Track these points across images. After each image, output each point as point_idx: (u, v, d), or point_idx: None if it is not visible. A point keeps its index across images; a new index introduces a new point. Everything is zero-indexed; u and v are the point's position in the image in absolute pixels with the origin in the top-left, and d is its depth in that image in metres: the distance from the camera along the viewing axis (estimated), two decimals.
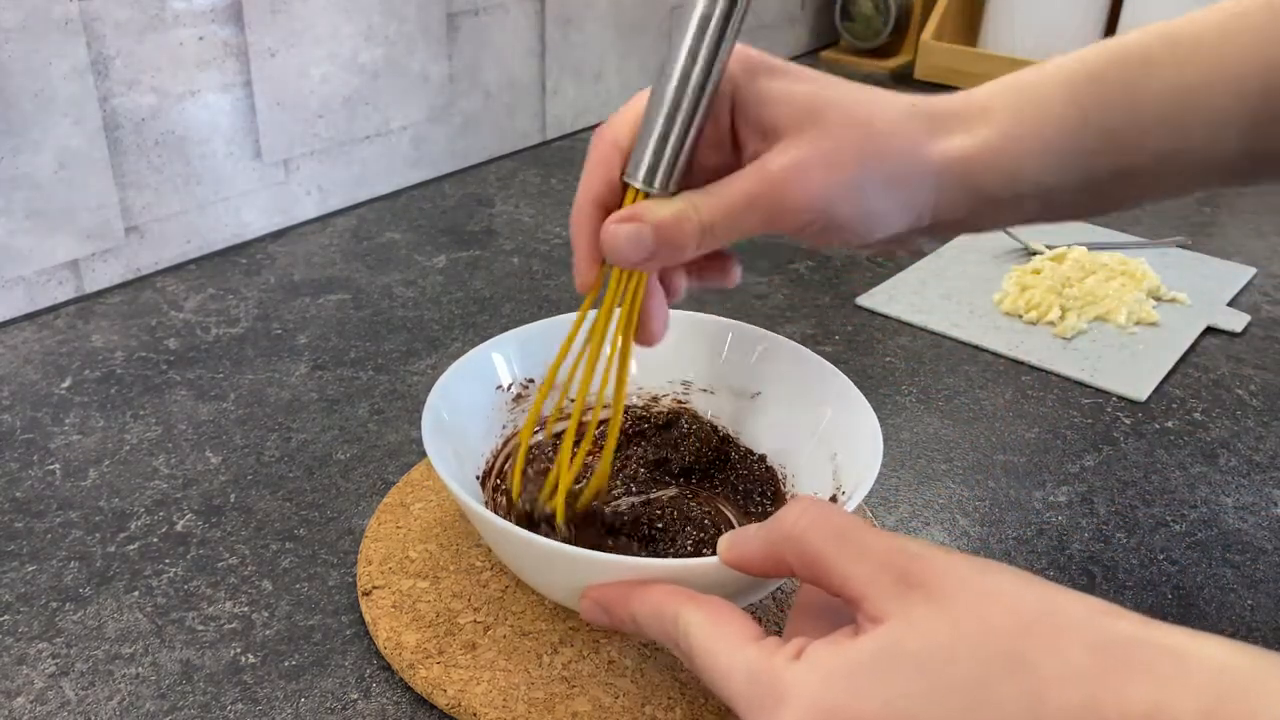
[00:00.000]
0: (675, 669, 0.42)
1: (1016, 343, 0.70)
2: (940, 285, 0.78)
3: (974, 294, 0.77)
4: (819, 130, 0.38)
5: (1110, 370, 0.68)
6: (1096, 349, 0.70)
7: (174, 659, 0.43)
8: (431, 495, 0.51)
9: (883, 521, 0.53)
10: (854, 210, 0.39)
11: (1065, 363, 0.68)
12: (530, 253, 0.81)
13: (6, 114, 0.63)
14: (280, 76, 0.78)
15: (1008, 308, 0.74)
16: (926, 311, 0.74)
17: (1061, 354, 0.69)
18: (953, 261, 0.82)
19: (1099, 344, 0.71)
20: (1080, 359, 0.69)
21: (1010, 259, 0.82)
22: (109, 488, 0.53)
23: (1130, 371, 0.68)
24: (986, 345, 0.70)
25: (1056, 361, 0.68)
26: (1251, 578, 0.51)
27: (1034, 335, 0.72)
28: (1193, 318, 0.75)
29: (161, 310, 0.70)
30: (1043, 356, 0.69)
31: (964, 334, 0.71)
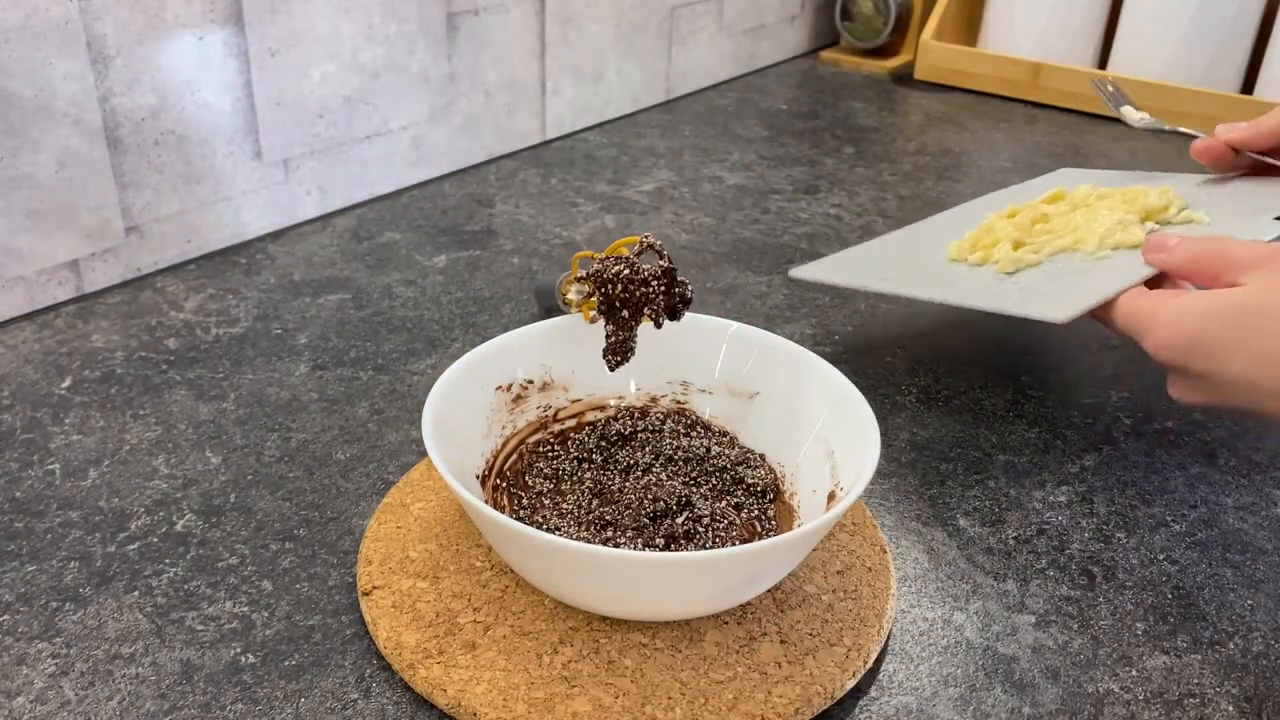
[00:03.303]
0: (675, 669, 0.42)
1: (940, 287, 0.59)
2: (910, 245, 0.68)
3: (933, 247, 0.66)
4: None
5: (1035, 296, 0.55)
6: (1037, 279, 0.57)
7: (174, 659, 0.43)
8: (431, 495, 0.51)
9: (882, 522, 0.53)
10: None
11: (988, 298, 0.56)
12: (530, 253, 0.81)
13: (6, 114, 0.63)
14: (280, 76, 0.78)
15: (953, 254, 0.63)
16: (863, 273, 0.63)
17: (990, 289, 0.57)
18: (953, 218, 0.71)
19: (1046, 273, 0.58)
20: (1011, 291, 0.56)
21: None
22: (109, 488, 0.53)
23: (1061, 291, 0.54)
24: (902, 292, 0.59)
25: (973, 298, 0.56)
26: (1251, 578, 0.51)
27: (969, 277, 0.60)
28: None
29: (161, 310, 0.70)
30: (960, 295, 0.57)
31: (889, 287, 0.60)
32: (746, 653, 0.43)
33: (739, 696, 0.41)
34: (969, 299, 0.56)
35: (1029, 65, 1.24)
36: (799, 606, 0.46)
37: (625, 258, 0.50)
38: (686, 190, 0.95)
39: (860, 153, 1.06)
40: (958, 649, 0.46)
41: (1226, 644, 0.47)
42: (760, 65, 1.35)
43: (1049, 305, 0.53)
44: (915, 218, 0.91)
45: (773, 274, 0.79)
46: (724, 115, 1.17)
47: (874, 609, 0.46)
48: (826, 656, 0.43)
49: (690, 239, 0.85)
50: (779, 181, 0.98)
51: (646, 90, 1.16)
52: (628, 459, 0.52)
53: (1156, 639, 0.47)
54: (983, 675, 0.44)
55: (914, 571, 0.50)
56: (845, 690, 0.43)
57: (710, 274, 0.79)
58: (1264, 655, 0.46)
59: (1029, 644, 0.46)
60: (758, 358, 0.53)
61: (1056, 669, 0.45)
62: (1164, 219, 0.61)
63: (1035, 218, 0.63)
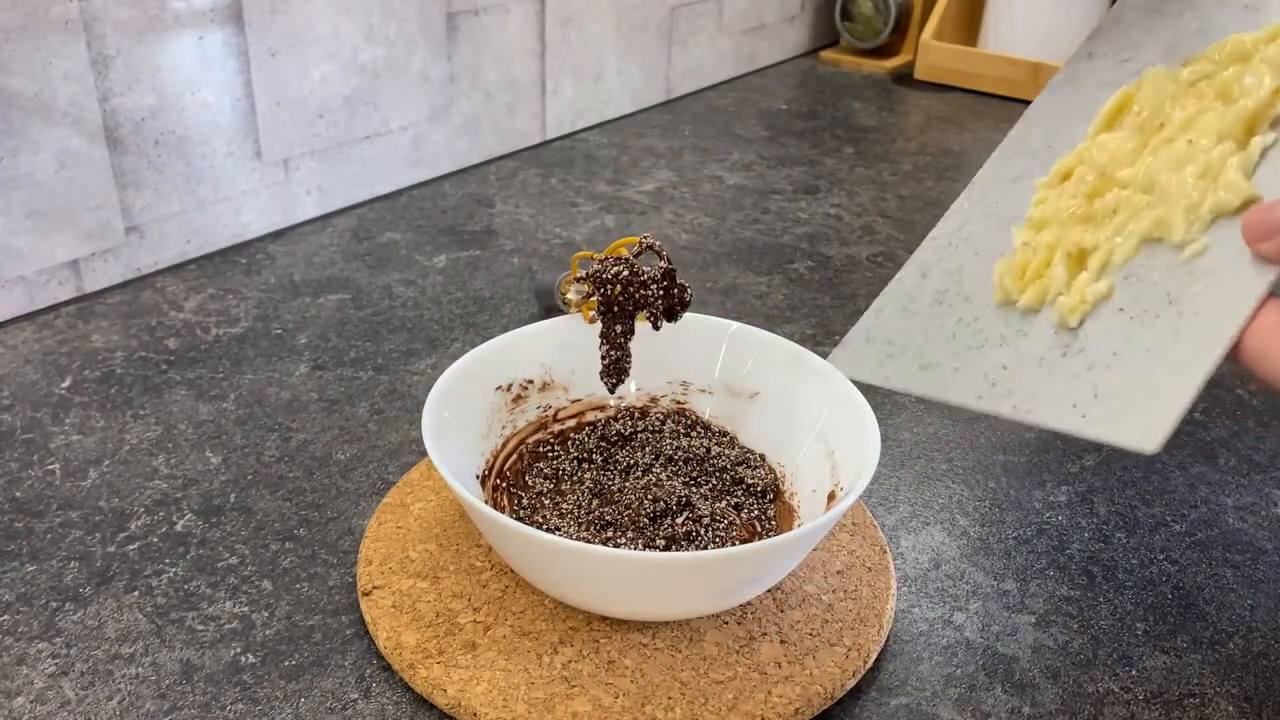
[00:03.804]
0: (675, 669, 0.42)
1: (991, 371, 0.43)
2: (939, 276, 0.48)
3: (978, 275, 0.47)
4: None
5: (1114, 395, 0.39)
6: (1111, 339, 0.40)
7: (174, 659, 0.43)
8: (431, 495, 0.51)
9: (882, 522, 0.53)
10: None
11: (1054, 395, 0.40)
12: (530, 253, 0.81)
13: (6, 114, 0.63)
14: (280, 76, 0.78)
15: (1001, 293, 0.45)
16: (902, 361, 0.47)
17: (1054, 373, 0.41)
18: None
19: (1125, 319, 0.40)
20: (1077, 378, 0.40)
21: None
22: (109, 488, 0.53)
23: (1149, 386, 0.38)
24: (949, 401, 0.44)
25: (1037, 400, 0.41)
26: (1251, 578, 0.51)
27: (1029, 338, 0.43)
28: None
29: (161, 310, 0.70)
30: (1021, 394, 0.41)
31: (929, 385, 0.45)
32: (746, 653, 0.43)
33: (739, 696, 0.41)
34: (1033, 413, 0.41)
35: (1029, 65, 1.24)
36: (799, 606, 0.46)
37: (624, 258, 0.50)
38: (686, 190, 0.95)
39: (860, 153, 1.06)
40: (958, 649, 0.46)
41: (1226, 644, 0.47)
42: (760, 65, 1.35)
43: (1133, 416, 0.38)
44: (915, 218, 0.91)
45: (773, 274, 0.79)
46: (724, 115, 1.17)
47: (874, 609, 0.46)
48: (826, 656, 0.43)
49: (690, 239, 0.85)
50: (779, 181, 0.98)
51: (646, 90, 1.16)
52: (628, 459, 0.52)
53: (1156, 639, 0.47)
54: (983, 675, 0.44)
55: (914, 571, 0.50)
56: (845, 690, 0.43)
57: (710, 274, 0.79)
58: (1264, 655, 0.46)
59: (1029, 644, 0.46)
60: (758, 358, 0.53)
61: (1056, 669, 0.45)
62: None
63: (1095, 185, 0.43)
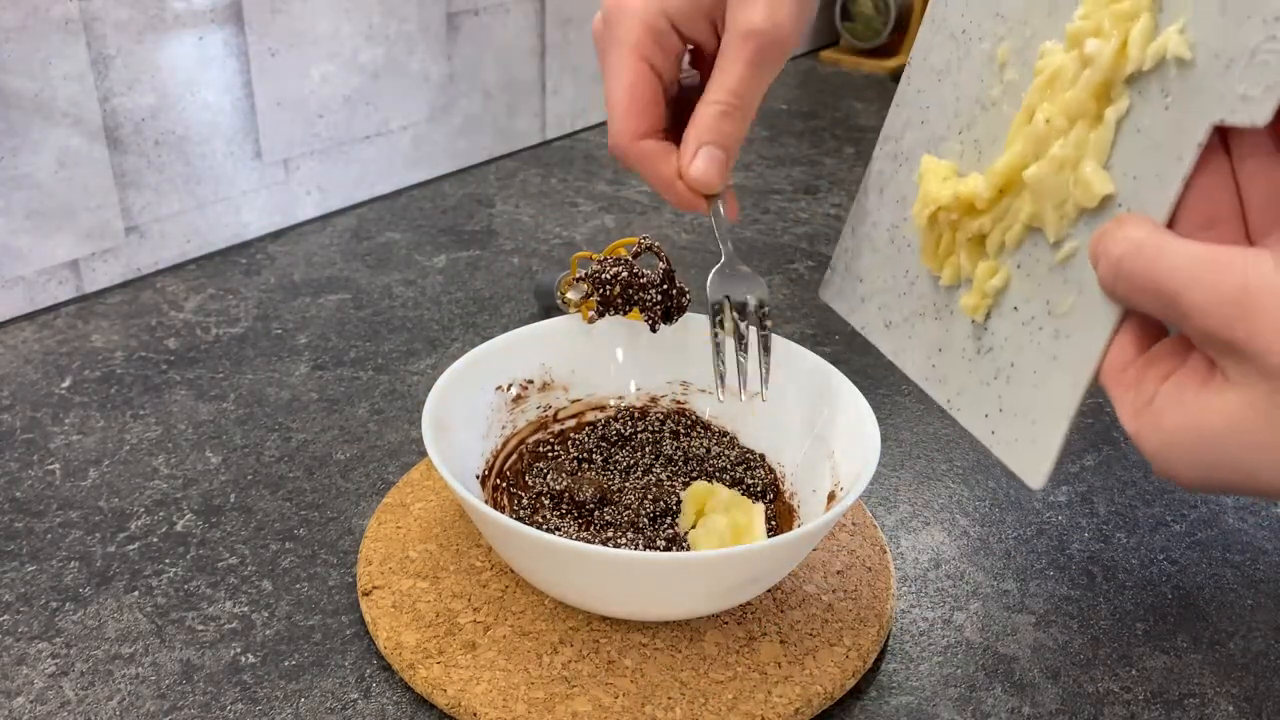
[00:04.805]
0: (675, 669, 0.42)
1: (931, 353, 0.43)
2: (891, 206, 0.45)
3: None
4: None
5: (1013, 414, 0.38)
6: (1010, 348, 0.39)
7: (174, 659, 0.43)
8: (431, 495, 0.51)
9: (882, 522, 0.53)
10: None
11: (975, 398, 0.40)
12: (530, 253, 0.81)
13: (6, 114, 0.63)
14: (280, 76, 0.78)
15: (926, 259, 0.43)
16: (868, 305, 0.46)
17: (973, 372, 0.40)
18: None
19: (1016, 328, 0.38)
20: (987, 385, 0.40)
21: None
22: (109, 488, 0.53)
23: (1035, 415, 0.37)
24: (905, 372, 0.44)
25: (963, 399, 0.41)
26: (1251, 578, 0.51)
27: (954, 318, 0.41)
28: (1188, 110, 0.32)
29: (161, 310, 0.70)
30: (952, 387, 0.41)
31: (891, 347, 0.45)
32: (746, 653, 0.43)
33: (739, 696, 0.41)
34: (961, 413, 0.41)
35: None
36: (799, 606, 0.46)
37: (623, 259, 0.50)
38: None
39: (860, 153, 1.06)
40: (958, 649, 0.46)
41: (1226, 644, 0.47)
42: None
43: (1024, 446, 0.38)
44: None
45: (773, 274, 0.79)
46: None
47: (874, 609, 0.46)
48: (826, 656, 0.43)
49: (690, 239, 0.85)
50: (779, 181, 0.98)
51: None
52: (628, 459, 0.52)
53: (1156, 639, 0.47)
54: (983, 675, 0.44)
55: (914, 571, 0.50)
56: (845, 690, 0.43)
57: None
58: (1264, 655, 0.46)
59: (1029, 644, 0.46)
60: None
61: (1056, 669, 0.45)
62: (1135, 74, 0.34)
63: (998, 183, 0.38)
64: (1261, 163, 0.31)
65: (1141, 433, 0.32)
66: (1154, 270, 0.31)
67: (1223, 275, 0.29)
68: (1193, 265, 0.29)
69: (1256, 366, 0.28)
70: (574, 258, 0.52)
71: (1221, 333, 0.29)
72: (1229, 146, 0.32)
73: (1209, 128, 0.31)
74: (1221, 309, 0.29)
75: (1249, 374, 0.29)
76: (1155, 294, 0.31)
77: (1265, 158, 0.31)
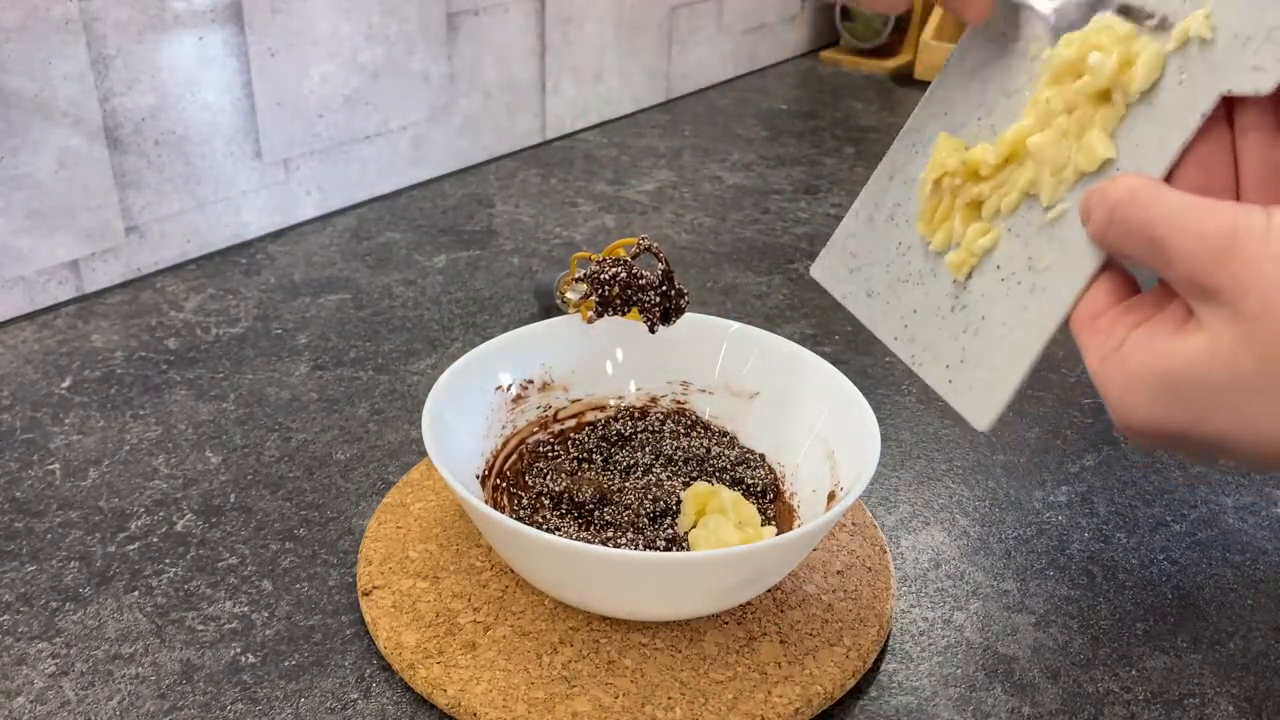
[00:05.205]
0: (675, 669, 0.42)
1: (905, 314, 0.44)
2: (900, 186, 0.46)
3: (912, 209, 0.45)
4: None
5: (974, 363, 0.40)
6: (985, 302, 0.40)
7: (174, 659, 0.43)
8: (431, 495, 0.51)
9: (882, 522, 0.53)
10: None
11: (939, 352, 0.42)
12: (530, 253, 0.81)
13: (6, 114, 0.63)
14: (280, 76, 0.78)
15: (922, 227, 0.44)
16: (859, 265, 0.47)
17: (944, 328, 0.42)
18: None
19: (995, 284, 0.40)
20: (955, 339, 0.41)
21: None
22: (109, 488, 0.53)
23: (996, 361, 0.39)
24: (877, 334, 0.46)
25: (928, 354, 0.42)
26: (1251, 578, 0.51)
27: (937, 280, 0.42)
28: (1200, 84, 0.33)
29: (161, 310, 0.70)
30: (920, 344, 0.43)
31: (870, 314, 0.46)
32: (746, 653, 0.43)
33: (739, 696, 0.41)
34: (922, 367, 0.43)
35: None
36: (799, 606, 0.46)
37: (622, 259, 0.50)
38: (686, 190, 0.95)
39: (860, 153, 1.06)
40: (958, 649, 0.46)
41: (1226, 644, 0.47)
42: (760, 65, 1.35)
43: (978, 391, 0.40)
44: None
45: (773, 274, 0.79)
46: (724, 115, 1.17)
47: (874, 609, 0.46)
48: (826, 656, 0.43)
49: (690, 239, 0.85)
50: (779, 181, 0.98)
51: (646, 90, 1.16)
52: (628, 459, 0.52)
53: (1156, 639, 0.47)
54: (983, 675, 0.44)
55: (914, 571, 0.50)
56: (845, 690, 0.43)
57: (710, 274, 0.79)
58: (1264, 655, 0.46)
59: (1029, 644, 0.46)
60: (758, 358, 0.53)
61: (1056, 669, 0.45)
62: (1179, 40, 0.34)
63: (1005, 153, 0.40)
64: (1262, 138, 0.32)
65: (1105, 375, 0.32)
66: (1147, 215, 0.31)
67: (1211, 221, 0.29)
68: (1183, 211, 0.30)
69: (1232, 310, 0.29)
70: (573, 258, 0.52)
71: (1203, 276, 0.29)
72: (1233, 121, 0.32)
73: (1216, 98, 0.32)
74: (1205, 253, 0.29)
75: (1221, 318, 0.29)
76: (1145, 239, 0.31)
77: (1266, 133, 0.32)
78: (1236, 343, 0.29)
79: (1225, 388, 0.29)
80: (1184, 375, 0.30)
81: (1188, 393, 0.30)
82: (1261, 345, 0.28)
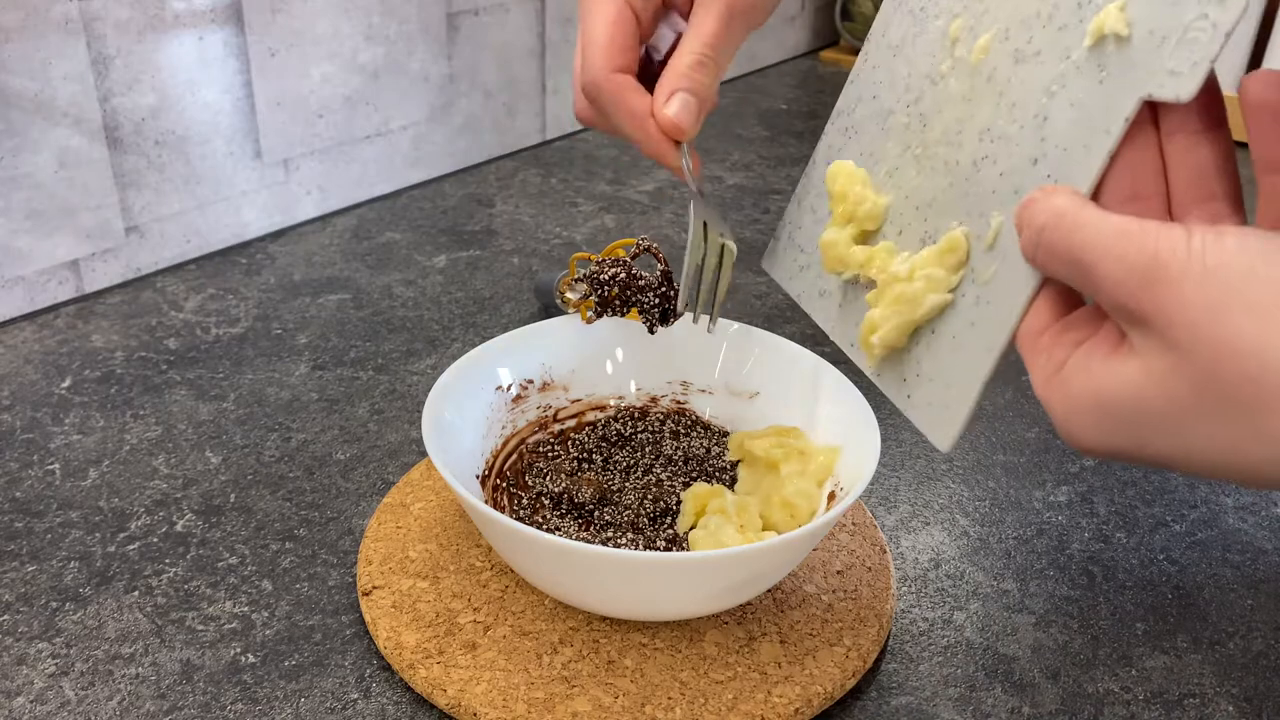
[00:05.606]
0: (675, 669, 0.42)
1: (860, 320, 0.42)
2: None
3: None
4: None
5: (930, 379, 0.39)
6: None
7: (174, 659, 0.43)
8: (431, 495, 0.51)
9: (882, 522, 0.53)
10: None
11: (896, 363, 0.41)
12: (530, 253, 0.81)
13: (6, 114, 0.63)
14: (280, 76, 0.78)
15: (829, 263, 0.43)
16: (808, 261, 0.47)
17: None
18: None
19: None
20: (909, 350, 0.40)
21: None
22: (109, 488, 0.53)
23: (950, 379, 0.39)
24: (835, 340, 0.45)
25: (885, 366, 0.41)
26: (1251, 578, 0.51)
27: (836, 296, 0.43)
28: (1120, 85, 0.33)
29: (161, 310, 0.70)
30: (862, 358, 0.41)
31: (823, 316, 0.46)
32: (746, 653, 0.43)
33: (739, 696, 0.41)
34: (880, 378, 0.42)
35: None
36: (799, 606, 0.46)
37: (621, 260, 0.50)
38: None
39: None
40: (958, 649, 0.46)
41: (1226, 644, 0.47)
42: (760, 65, 1.35)
43: (937, 410, 0.39)
44: None
45: None
46: (724, 115, 1.17)
47: (874, 609, 0.46)
48: (826, 656, 0.43)
49: None
50: (779, 181, 0.98)
51: None
52: (628, 459, 0.52)
53: (1156, 639, 0.47)
54: (983, 675, 0.44)
55: (914, 571, 0.50)
56: (845, 690, 0.43)
57: None
58: (1264, 655, 0.46)
59: (1029, 644, 0.46)
60: (758, 358, 0.53)
61: (1056, 669, 0.45)
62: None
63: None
64: (1187, 140, 0.32)
65: (1050, 397, 0.33)
66: (1071, 241, 0.31)
67: (1133, 247, 0.29)
68: (1107, 237, 0.30)
69: (1159, 339, 0.29)
70: (573, 258, 0.52)
71: (1129, 304, 0.29)
72: (1158, 123, 0.32)
73: (1137, 102, 0.32)
74: (1130, 280, 0.29)
75: (1153, 345, 0.29)
76: (1071, 264, 0.31)
77: (1191, 135, 0.32)
78: (1170, 372, 0.29)
79: (1163, 414, 0.29)
80: (1123, 401, 0.30)
81: (1128, 418, 0.30)
82: (1195, 374, 0.28)
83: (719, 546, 0.45)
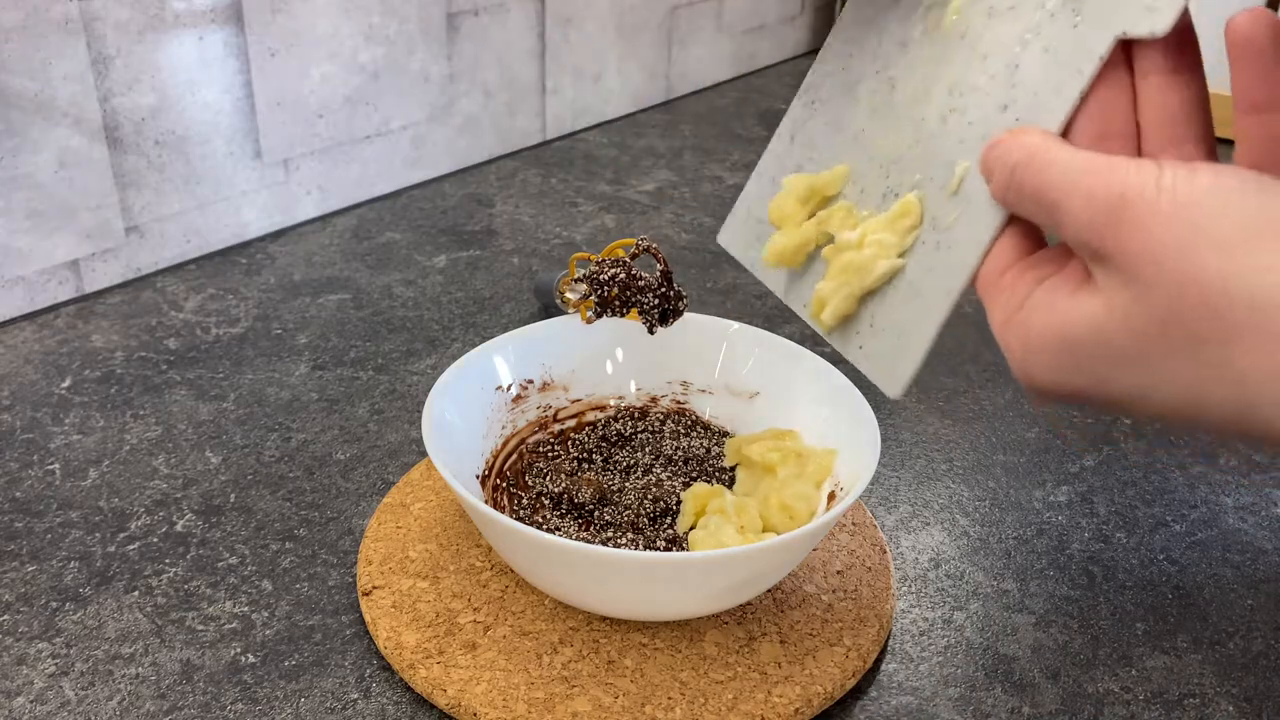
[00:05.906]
0: (675, 669, 0.42)
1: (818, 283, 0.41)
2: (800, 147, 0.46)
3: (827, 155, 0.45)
4: None
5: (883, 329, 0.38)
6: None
7: (174, 659, 0.43)
8: (431, 495, 0.51)
9: (882, 522, 0.53)
10: None
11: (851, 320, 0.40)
12: (530, 253, 0.81)
13: (6, 114, 0.63)
14: (280, 76, 0.78)
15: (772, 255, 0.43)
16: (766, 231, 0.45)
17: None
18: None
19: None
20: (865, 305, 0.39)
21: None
22: (109, 488, 0.53)
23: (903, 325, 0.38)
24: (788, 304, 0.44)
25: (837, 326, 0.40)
26: (1251, 578, 0.51)
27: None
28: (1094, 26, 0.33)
29: (161, 310, 0.70)
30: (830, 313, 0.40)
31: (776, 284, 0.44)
32: (746, 653, 0.43)
33: (739, 696, 0.41)
34: (833, 336, 0.41)
35: None
36: (799, 606, 0.46)
37: (621, 260, 0.50)
38: (686, 190, 0.95)
39: None
40: (958, 649, 0.46)
41: (1226, 644, 0.47)
42: (760, 65, 1.35)
43: (889, 357, 0.38)
44: None
45: None
46: (724, 115, 1.17)
47: (874, 609, 0.46)
48: (826, 656, 0.43)
49: (690, 239, 0.85)
50: None
51: (646, 90, 1.16)
52: (628, 459, 0.52)
53: (1156, 639, 0.47)
54: (983, 675, 0.44)
55: (914, 571, 0.50)
56: (845, 690, 0.43)
57: (710, 274, 0.79)
58: (1264, 655, 0.46)
59: (1029, 644, 0.46)
60: (758, 358, 0.53)
61: (1056, 669, 0.45)
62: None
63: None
64: (1161, 81, 0.32)
65: (1008, 334, 0.32)
66: (1040, 179, 0.31)
67: (1101, 183, 0.29)
68: (1074, 173, 0.30)
69: (1122, 275, 0.28)
70: (572, 258, 0.52)
71: (1093, 240, 0.29)
72: (1132, 64, 0.32)
73: (1112, 40, 0.32)
74: (1097, 217, 0.29)
75: (1115, 282, 0.29)
76: (1040, 202, 0.31)
77: (1165, 76, 0.31)
78: (1133, 307, 0.28)
79: (1126, 351, 0.29)
80: (1085, 338, 0.30)
81: (1089, 355, 0.30)
82: (1158, 310, 0.28)
83: (719, 547, 0.45)
